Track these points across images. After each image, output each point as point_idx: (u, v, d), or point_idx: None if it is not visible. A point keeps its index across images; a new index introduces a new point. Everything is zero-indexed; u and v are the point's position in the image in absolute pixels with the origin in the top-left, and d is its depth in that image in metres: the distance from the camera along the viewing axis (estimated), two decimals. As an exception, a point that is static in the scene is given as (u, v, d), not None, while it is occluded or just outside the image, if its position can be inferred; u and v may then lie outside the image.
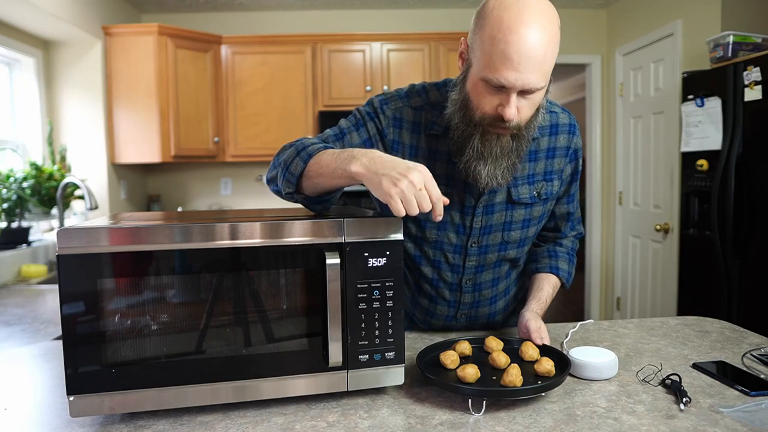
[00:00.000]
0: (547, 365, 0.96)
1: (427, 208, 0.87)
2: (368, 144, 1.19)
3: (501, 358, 1.00)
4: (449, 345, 1.08)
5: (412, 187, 0.86)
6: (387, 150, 1.18)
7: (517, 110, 1.00)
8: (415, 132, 1.18)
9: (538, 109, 1.06)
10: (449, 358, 1.00)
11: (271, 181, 1.14)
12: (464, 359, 1.05)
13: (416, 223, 1.22)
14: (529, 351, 1.04)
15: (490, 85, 0.99)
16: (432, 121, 1.17)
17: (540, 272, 1.32)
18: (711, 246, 2.65)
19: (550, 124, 1.22)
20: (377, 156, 0.92)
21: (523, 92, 0.98)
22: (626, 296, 4.08)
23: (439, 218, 0.90)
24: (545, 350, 1.07)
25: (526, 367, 1.00)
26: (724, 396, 0.95)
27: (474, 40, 1.01)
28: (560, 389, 0.99)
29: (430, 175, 0.89)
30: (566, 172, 1.27)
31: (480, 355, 1.07)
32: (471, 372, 0.93)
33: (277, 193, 1.12)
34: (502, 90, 0.98)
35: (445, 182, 1.17)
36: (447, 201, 0.91)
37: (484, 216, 1.20)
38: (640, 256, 3.87)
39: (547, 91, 1.06)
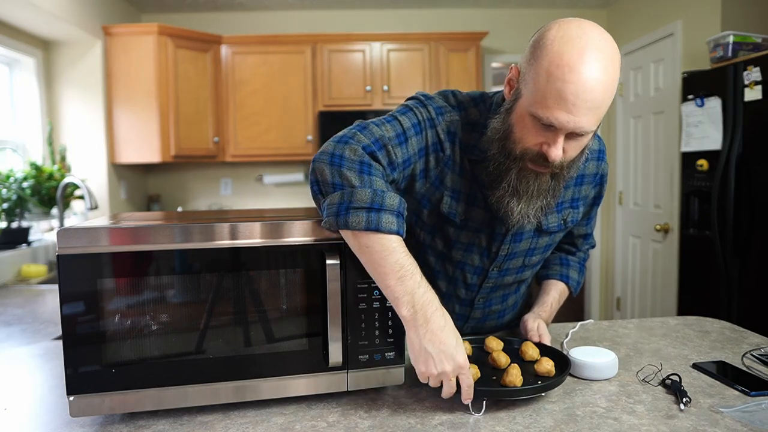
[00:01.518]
0: (547, 365, 0.97)
1: (448, 395, 0.90)
2: (422, 154, 1.07)
3: (501, 358, 1.00)
4: None
5: (445, 376, 0.88)
6: (439, 164, 1.09)
7: (563, 151, 0.94)
8: (462, 151, 1.10)
9: (583, 150, 1.00)
10: None
11: (316, 183, 0.97)
12: None
13: (444, 240, 1.17)
14: (530, 351, 1.04)
15: (538, 122, 0.92)
16: (472, 144, 1.08)
17: (550, 279, 1.32)
18: (711, 246, 2.65)
19: None
20: (435, 317, 0.89)
21: (573, 134, 0.92)
22: (626, 296, 4.08)
23: (467, 401, 0.90)
24: (545, 350, 1.07)
25: (527, 367, 1.00)
26: (724, 396, 0.95)
27: (528, 70, 0.93)
28: (560, 389, 0.99)
29: (467, 371, 0.89)
30: (590, 196, 1.24)
31: (480, 355, 1.07)
32: (471, 372, 0.92)
33: (315, 197, 0.99)
34: (550, 128, 0.92)
35: (483, 206, 1.12)
36: (477, 376, 0.94)
37: (512, 243, 1.16)
38: (640, 256, 3.86)
39: (596, 132, 1.01)
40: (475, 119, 1.09)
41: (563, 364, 1.00)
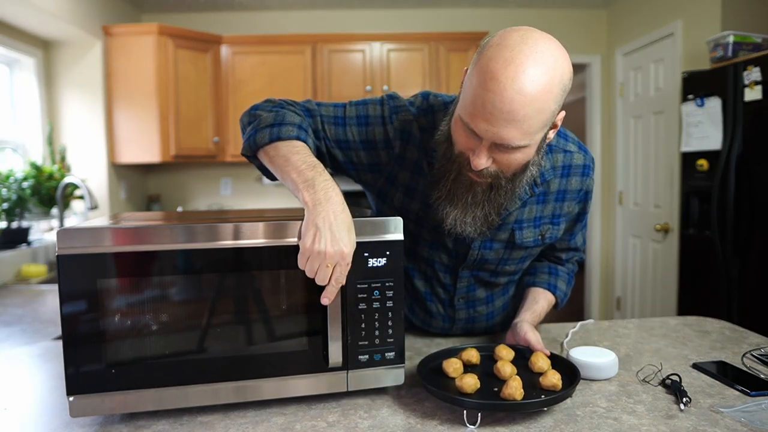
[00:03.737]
0: (553, 378, 0.92)
1: (321, 281, 0.86)
2: (367, 146, 1.11)
3: (506, 369, 0.95)
4: (455, 352, 1.05)
5: (323, 258, 0.84)
6: (390, 161, 1.11)
7: (493, 161, 0.92)
8: (420, 151, 1.09)
9: (527, 166, 0.96)
10: (451, 366, 0.97)
11: (243, 127, 1.09)
12: (470, 368, 1.02)
13: (410, 237, 1.17)
14: (539, 362, 0.98)
15: (467, 127, 0.90)
16: (432, 148, 1.06)
17: (537, 287, 1.26)
18: (711, 246, 2.65)
19: (563, 165, 1.13)
20: (333, 203, 0.87)
21: (501, 146, 0.89)
22: (626, 296, 4.08)
23: (325, 302, 0.88)
24: (557, 362, 1.01)
25: (533, 378, 0.96)
26: (724, 396, 0.95)
27: (468, 73, 0.91)
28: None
29: (347, 264, 0.87)
30: (573, 212, 1.20)
31: (488, 364, 1.02)
32: (469, 382, 0.90)
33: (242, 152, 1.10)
34: (475, 135, 0.89)
35: None
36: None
37: (481, 250, 1.15)
38: (640, 256, 3.87)
39: (541, 148, 0.96)
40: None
41: (572, 377, 0.95)
